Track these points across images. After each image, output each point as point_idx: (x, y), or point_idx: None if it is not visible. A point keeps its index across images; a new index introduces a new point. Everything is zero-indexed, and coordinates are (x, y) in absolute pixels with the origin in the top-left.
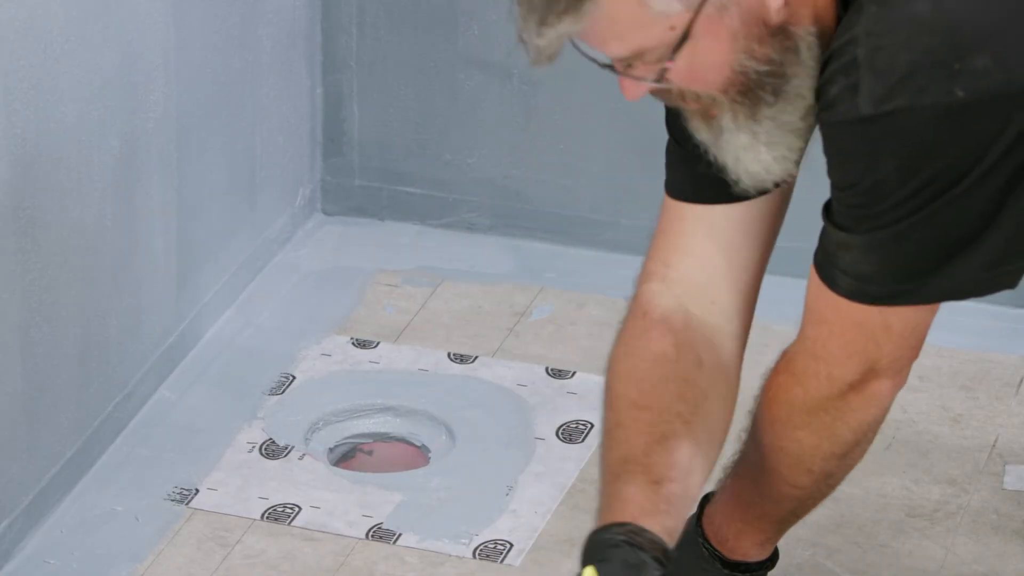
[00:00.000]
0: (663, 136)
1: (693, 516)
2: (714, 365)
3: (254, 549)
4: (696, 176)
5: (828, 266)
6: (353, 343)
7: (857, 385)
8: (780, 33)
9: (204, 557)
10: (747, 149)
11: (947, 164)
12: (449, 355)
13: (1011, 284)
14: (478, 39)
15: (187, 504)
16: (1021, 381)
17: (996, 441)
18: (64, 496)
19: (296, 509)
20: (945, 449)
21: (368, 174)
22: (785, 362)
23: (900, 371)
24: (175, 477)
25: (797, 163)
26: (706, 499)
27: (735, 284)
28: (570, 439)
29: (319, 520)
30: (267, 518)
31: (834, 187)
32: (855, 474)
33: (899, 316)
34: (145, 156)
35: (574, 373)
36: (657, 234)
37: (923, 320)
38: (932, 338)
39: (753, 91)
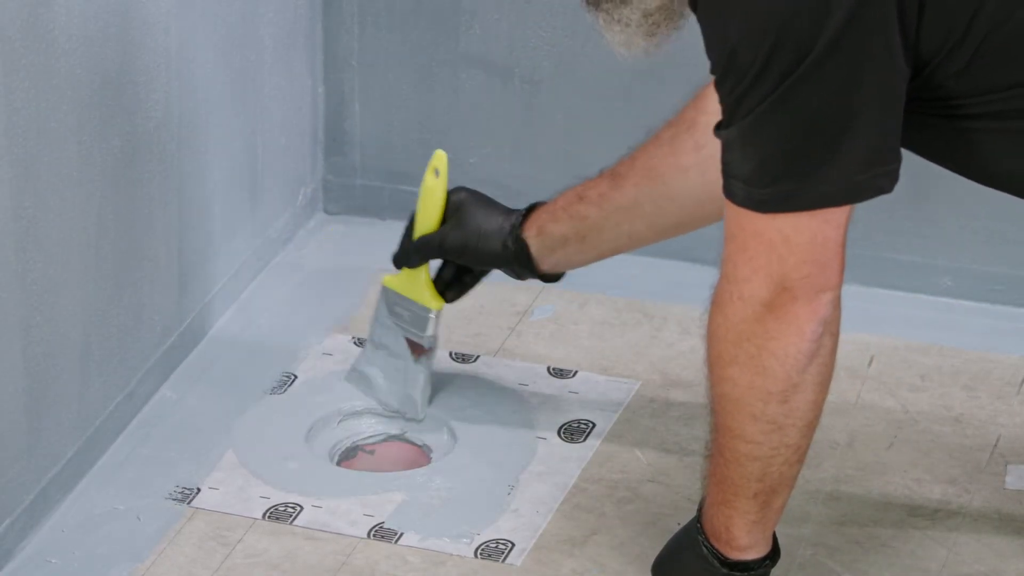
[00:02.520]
0: None
1: (694, 517)
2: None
3: (255, 548)
4: None
5: (726, 178)
6: (355, 342)
7: (772, 306)
8: None
9: (205, 556)
10: (602, 28)
11: (789, 30)
12: (451, 354)
13: (888, 188)
14: (480, 38)
15: (188, 503)
16: (1023, 381)
17: (998, 441)
18: (65, 495)
19: (298, 508)
20: (947, 449)
21: (370, 173)
22: (711, 298)
23: (815, 295)
24: (176, 476)
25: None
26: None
27: None
28: (572, 438)
29: (321, 519)
30: (268, 517)
31: (714, 86)
32: (857, 474)
33: (794, 226)
34: (146, 156)
35: (576, 372)
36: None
37: (821, 232)
38: (934, 337)
39: None
